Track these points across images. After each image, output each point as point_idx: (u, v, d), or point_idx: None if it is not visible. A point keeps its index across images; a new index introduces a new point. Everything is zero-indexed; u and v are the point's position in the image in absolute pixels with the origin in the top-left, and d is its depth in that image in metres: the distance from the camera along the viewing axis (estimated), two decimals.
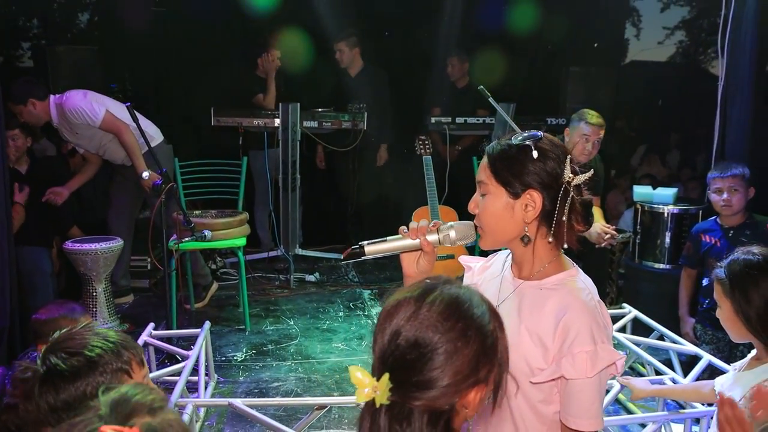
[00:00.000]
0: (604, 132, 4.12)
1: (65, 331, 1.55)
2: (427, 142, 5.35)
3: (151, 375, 3.57)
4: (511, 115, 5.04)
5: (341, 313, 5.15)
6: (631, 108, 6.98)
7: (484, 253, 1.87)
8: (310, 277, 5.90)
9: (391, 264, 6.01)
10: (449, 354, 1.17)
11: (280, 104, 5.61)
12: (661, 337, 3.83)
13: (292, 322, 4.93)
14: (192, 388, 3.62)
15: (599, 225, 3.93)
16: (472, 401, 1.21)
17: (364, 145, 6.27)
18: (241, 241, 4.74)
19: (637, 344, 3.73)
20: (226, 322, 4.94)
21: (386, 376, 1.16)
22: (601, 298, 1.65)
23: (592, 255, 4.08)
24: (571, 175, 1.59)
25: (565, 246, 1.61)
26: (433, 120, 6.12)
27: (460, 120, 6.13)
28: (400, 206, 5.96)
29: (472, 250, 5.15)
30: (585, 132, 4.08)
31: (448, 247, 1.75)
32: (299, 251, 5.95)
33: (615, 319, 3.92)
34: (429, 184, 5.25)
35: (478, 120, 6.12)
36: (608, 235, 3.91)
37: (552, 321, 1.56)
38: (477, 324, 1.21)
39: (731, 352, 3.59)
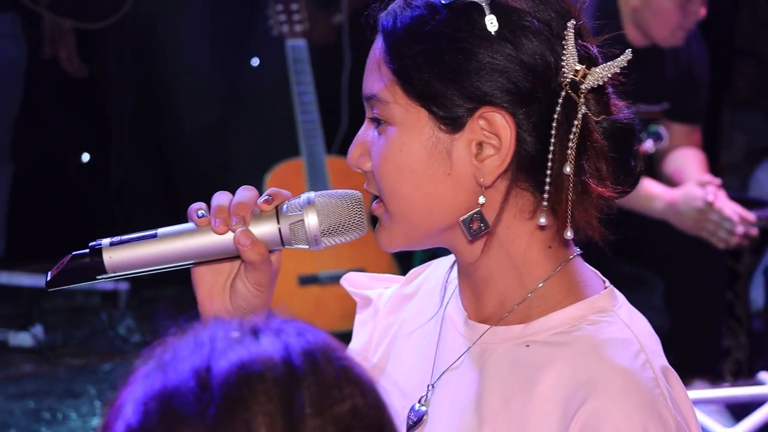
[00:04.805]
0: None
1: None
2: (294, 6, 3.37)
3: None
4: None
5: (96, 420, 3.44)
6: None
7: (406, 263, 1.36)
8: (22, 338, 3.89)
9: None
10: None
11: None
12: None
13: None
14: None
15: (695, 188, 2.61)
16: None
17: (146, 19, 3.82)
18: None
19: None
20: None
21: None
22: (713, 354, 1.11)
23: (687, 260, 2.77)
24: (579, 66, 0.87)
25: (569, 235, 0.89)
26: None
27: None
28: (234, 161, 3.95)
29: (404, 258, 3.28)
30: None
31: (339, 250, 1.09)
32: None
33: (748, 406, 2.83)
34: (302, 103, 3.34)
35: None
36: (734, 219, 2.67)
37: (554, 417, 0.87)
38: None
39: None
